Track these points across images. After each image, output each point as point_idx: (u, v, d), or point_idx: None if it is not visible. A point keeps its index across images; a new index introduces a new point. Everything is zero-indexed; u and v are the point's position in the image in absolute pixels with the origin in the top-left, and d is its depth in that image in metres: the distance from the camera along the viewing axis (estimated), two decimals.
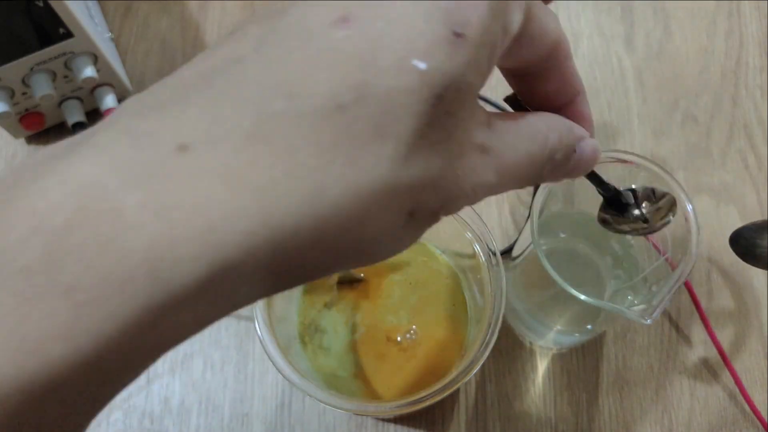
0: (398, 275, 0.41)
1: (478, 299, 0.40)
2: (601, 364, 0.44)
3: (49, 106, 0.47)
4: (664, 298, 0.32)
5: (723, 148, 0.50)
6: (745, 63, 0.53)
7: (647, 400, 0.43)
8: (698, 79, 0.53)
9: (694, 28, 0.54)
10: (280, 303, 0.39)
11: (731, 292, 0.46)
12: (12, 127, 0.47)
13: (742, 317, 0.46)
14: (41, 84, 0.43)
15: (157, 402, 0.43)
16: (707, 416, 0.43)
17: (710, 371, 0.44)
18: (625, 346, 0.45)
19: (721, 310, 0.46)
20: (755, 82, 0.53)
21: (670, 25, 0.55)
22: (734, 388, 0.43)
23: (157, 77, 0.52)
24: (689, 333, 0.45)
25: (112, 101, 0.48)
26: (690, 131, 0.51)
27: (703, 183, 0.49)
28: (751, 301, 0.46)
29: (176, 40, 0.53)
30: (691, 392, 0.44)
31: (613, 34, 0.54)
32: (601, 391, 0.44)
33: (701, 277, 0.47)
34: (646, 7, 0.55)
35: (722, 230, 0.48)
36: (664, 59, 0.53)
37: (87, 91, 0.47)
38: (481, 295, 0.39)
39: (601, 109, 0.51)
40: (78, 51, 0.43)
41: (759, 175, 0.49)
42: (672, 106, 0.52)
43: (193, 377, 0.44)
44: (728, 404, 0.43)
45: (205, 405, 0.43)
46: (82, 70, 0.44)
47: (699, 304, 0.45)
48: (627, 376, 0.44)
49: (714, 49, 0.54)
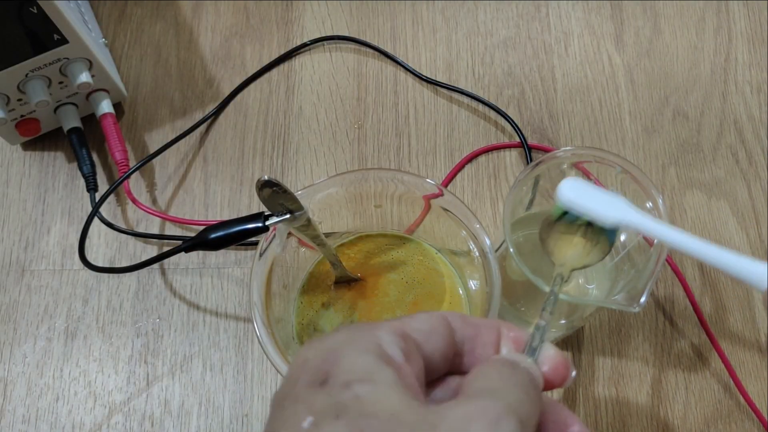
0: (394, 274, 0.42)
1: (473, 297, 0.40)
2: (596, 358, 0.45)
3: (45, 112, 0.47)
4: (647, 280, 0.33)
5: (714, 144, 0.51)
6: (734, 59, 0.54)
7: (643, 394, 0.44)
8: (688, 75, 0.53)
9: (683, 25, 0.55)
10: (278, 304, 0.39)
11: (725, 285, 0.47)
12: (8, 134, 0.48)
13: (736, 310, 0.46)
14: (36, 90, 0.44)
15: (157, 404, 0.43)
16: (702, 409, 0.44)
17: (705, 364, 0.45)
18: (620, 340, 0.45)
19: (715, 303, 0.46)
20: (744, 77, 0.53)
21: (660, 22, 0.55)
22: (729, 380, 0.44)
23: (152, 81, 0.52)
24: (683, 327, 0.46)
25: (107, 106, 0.48)
26: (680, 127, 0.52)
27: (694, 178, 0.50)
28: (745, 294, 0.46)
29: (170, 45, 0.54)
30: (686, 385, 0.44)
31: (603, 32, 0.55)
32: (597, 386, 0.44)
33: (695, 271, 0.47)
34: (636, 5, 0.56)
35: (714, 225, 0.48)
36: (653, 56, 0.54)
37: (82, 96, 0.47)
38: (477, 292, 0.39)
39: (592, 107, 0.52)
40: (73, 57, 0.44)
41: (749, 169, 0.50)
42: (662, 102, 0.52)
43: (192, 379, 0.44)
44: (723, 397, 0.44)
45: (205, 406, 0.43)
46: (77, 76, 0.44)
47: (693, 297, 0.45)
48: (622, 370, 0.44)
49: (703, 46, 0.54)
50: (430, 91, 0.53)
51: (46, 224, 0.48)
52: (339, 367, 0.20)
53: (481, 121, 0.52)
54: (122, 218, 0.48)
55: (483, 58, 0.54)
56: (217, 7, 0.55)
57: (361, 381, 0.20)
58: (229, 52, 0.54)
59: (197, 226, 0.48)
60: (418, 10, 0.55)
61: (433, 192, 0.39)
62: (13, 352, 0.45)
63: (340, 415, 0.19)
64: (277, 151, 0.50)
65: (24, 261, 0.47)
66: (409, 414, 0.19)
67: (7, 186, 0.49)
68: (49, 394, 0.43)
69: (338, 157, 0.50)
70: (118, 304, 0.46)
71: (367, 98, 0.52)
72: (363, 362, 0.20)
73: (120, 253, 0.47)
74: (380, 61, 0.54)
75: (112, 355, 0.45)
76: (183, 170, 0.50)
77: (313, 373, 0.21)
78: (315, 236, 0.37)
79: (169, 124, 0.51)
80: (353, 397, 0.19)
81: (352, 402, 0.19)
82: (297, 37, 0.54)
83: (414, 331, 0.22)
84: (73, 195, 0.49)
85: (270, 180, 0.33)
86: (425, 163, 0.50)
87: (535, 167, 0.38)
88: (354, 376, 0.20)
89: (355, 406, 0.19)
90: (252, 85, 0.53)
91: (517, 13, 0.55)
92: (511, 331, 0.24)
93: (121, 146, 0.47)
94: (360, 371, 0.20)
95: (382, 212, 0.42)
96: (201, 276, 0.47)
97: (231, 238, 0.38)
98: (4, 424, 0.43)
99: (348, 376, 0.20)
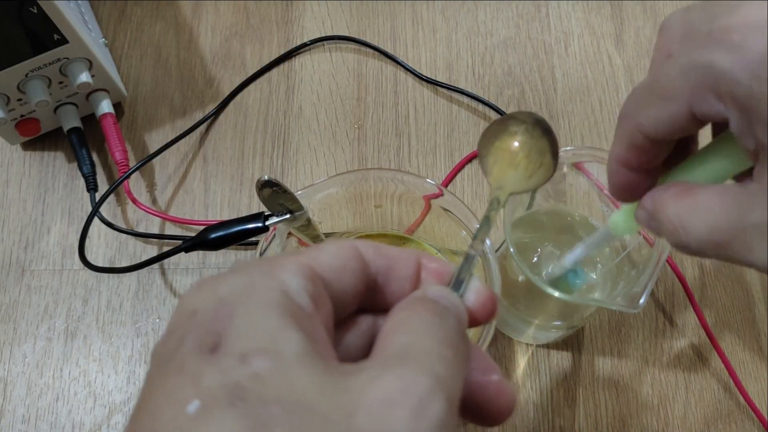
0: None
1: None
2: (596, 358, 0.45)
3: (45, 112, 0.47)
4: (647, 281, 0.33)
5: None
6: None
7: (643, 393, 0.44)
8: None
9: None
10: None
11: (724, 284, 0.47)
12: (8, 134, 0.48)
13: (736, 310, 0.46)
14: (36, 90, 0.44)
15: None
16: (702, 409, 0.44)
17: (705, 364, 0.45)
18: (620, 340, 0.45)
19: (715, 303, 0.46)
20: None
21: (660, 22, 0.55)
22: (729, 380, 0.44)
23: (152, 81, 0.52)
24: (683, 326, 0.46)
25: (107, 107, 0.48)
26: None
27: None
28: (744, 294, 0.46)
29: (170, 45, 0.54)
30: (686, 385, 0.44)
31: (603, 32, 0.55)
32: (597, 386, 0.44)
33: (694, 270, 0.47)
34: (636, 5, 0.56)
35: None
36: None
37: (82, 96, 0.47)
38: None
39: (593, 107, 0.52)
40: (73, 57, 0.44)
41: None
42: None
43: None
44: (723, 396, 0.44)
45: None
46: (77, 76, 0.44)
47: (692, 297, 0.45)
48: (623, 370, 0.44)
49: None
50: (430, 91, 0.53)
51: (46, 224, 0.48)
52: (233, 329, 0.17)
53: (481, 121, 0.52)
54: (122, 218, 0.48)
55: (483, 58, 0.54)
56: (217, 7, 0.55)
57: (262, 353, 0.16)
58: (229, 52, 0.54)
59: (197, 226, 0.48)
60: (418, 10, 0.55)
61: (433, 192, 0.39)
62: (13, 352, 0.45)
63: (234, 401, 0.15)
64: (277, 151, 0.50)
65: (24, 261, 0.47)
66: (320, 399, 0.15)
67: (7, 186, 0.49)
68: (49, 394, 0.43)
69: (338, 157, 0.50)
70: (118, 304, 0.46)
71: (367, 98, 0.52)
72: (264, 324, 0.17)
73: (120, 253, 0.47)
74: (380, 61, 0.54)
75: (112, 355, 0.45)
76: (183, 170, 0.50)
77: (202, 332, 0.17)
78: (315, 236, 0.37)
79: (169, 124, 0.51)
80: (251, 375, 0.16)
81: (249, 382, 0.15)
82: (297, 37, 0.54)
83: (323, 268, 0.19)
84: (73, 195, 0.49)
85: (270, 180, 0.33)
86: (425, 163, 0.50)
87: None
88: (252, 345, 0.16)
89: (254, 388, 0.15)
90: (252, 85, 0.53)
91: (517, 13, 0.55)
92: (432, 263, 0.21)
93: (121, 146, 0.47)
94: (261, 338, 0.16)
95: (382, 212, 0.42)
96: (201, 276, 0.47)
97: (231, 238, 0.38)
98: (4, 424, 0.43)
99: (245, 344, 0.16)
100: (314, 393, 0.16)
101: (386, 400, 0.15)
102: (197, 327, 0.17)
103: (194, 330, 0.17)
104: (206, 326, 0.17)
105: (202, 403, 0.15)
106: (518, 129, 0.30)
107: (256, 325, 0.17)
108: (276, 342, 0.16)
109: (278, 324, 0.17)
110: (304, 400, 0.15)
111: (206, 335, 0.17)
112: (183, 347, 0.17)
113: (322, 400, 0.15)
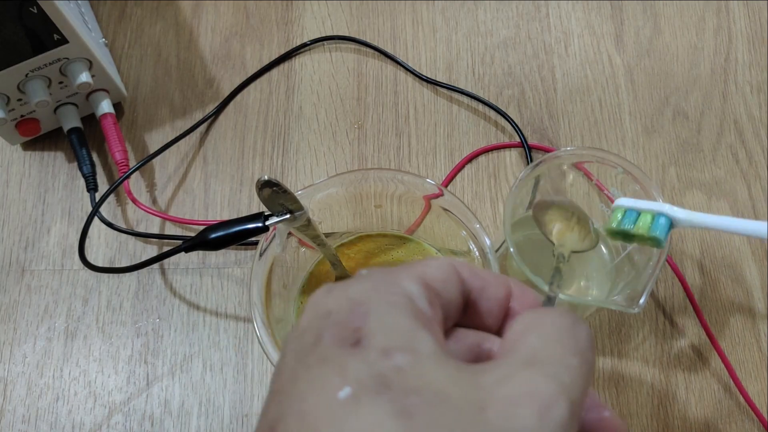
0: None
1: None
2: (596, 358, 0.45)
3: (45, 112, 0.47)
4: (647, 281, 0.33)
5: (714, 144, 0.51)
6: (734, 59, 0.54)
7: (643, 394, 0.44)
8: (688, 75, 0.53)
9: (683, 25, 0.55)
10: (279, 304, 0.39)
11: (724, 285, 0.47)
12: (8, 134, 0.48)
13: (736, 310, 0.46)
14: (36, 90, 0.44)
15: (157, 404, 0.43)
16: (703, 409, 0.44)
17: (705, 364, 0.45)
18: (620, 340, 0.45)
19: (715, 303, 0.46)
20: (744, 77, 0.53)
21: (660, 22, 0.55)
22: (729, 380, 0.44)
23: (152, 81, 0.52)
24: (683, 326, 0.46)
25: (107, 106, 0.48)
26: (681, 127, 0.52)
27: (694, 178, 0.50)
28: (744, 294, 0.46)
29: (170, 45, 0.54)
30: (686, 385, 0.44)
31: (603, 32, 0.55)
32: (597, 386, 0.44)
33: (694, 270, 0.47)
34: (636, 5, 0.56)
35: None
36: (653, 56, 0.54)
37: (82, 96, 0.47)
38: None
39: (593, 107, 0.52)
40: (73, 57, 0.44)
41: (749, 169, 0.50)
42: (662, 102, 0.52)
43: (192, 379, 0.44)
44: (723, 396, 0.44)
45: (205, 406, 0.43)
46: (77, 76, 0.44)
47: (693, 297, 0.45)
48: (622, 370, 0.44)
49: (703, 46, 0.54)
50: (430, 91, 0.53)
51: (46, 224, 0.48)
52: (371, 326, 0.18)
53: (481, 121, 0.52)
54: (122, 218, 0.48)
55: (483, 58, 0.54)
56: (217, 7, 0.55)
57: (401, 349, 0.17)
58: (229, 52, 0.54)
59: (197, 226, 0.48)
60: (418, 10, 0.55)
61: (433, 192, 0.39)
62: (13, 352, 0.45)
63: (380, 389, 0.16)
64: (277, 151, 0.50)
65: (24, 261, 0.47)
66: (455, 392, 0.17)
67: (7, 186, 0.49)
68: (49, 394, 0.43)
69: (338, 157, 0.50)
70: (118, 304, 0.46)
71: (367, 98, 0.52)
72: (399, 324, 0.18)
73: (120, 253, 0.47)
74: (380, 61, 0.54)
75: (112, 355, 0.45)
76: (183, 170, 0.50)
77: (340, 329, 0.18)
78: (315, 236, 0.37)
79: (169, 124, 0.51)
80: (394, 368, 0.17)
81: (392, 374, 0.17)
82: (297, 37, 0.54)
83: (432, 279, 0.20)
84: (73, 195, 0.49)
85: (270, 180, 0.33)
86: (425, 163, 0.50)
87: (536, 167, 0.38)
88: (393, 343, 0.18)
89: (398, 380, 0.17)
90: (252, 85, 0.53)
91: (517, 13, 0.55)
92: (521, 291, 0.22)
93: (121, 146, 0.47)
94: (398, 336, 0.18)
95: (382, 212, 0.42)
96: (201, 276, 0.47)
97: (231, 238, 0.38)
98: (4, 424, 0.43)
99: (386, 342, 0.18)
100: (449, 387, 0.17)
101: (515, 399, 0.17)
102: (334, 324, 0.18)
103: (331, 327, 0.18)
104: (343, 323, 0.18)
105: (352, 390, 0.17)
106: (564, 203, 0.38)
107: (391, 325, 0.18)
108: (412, 340, 0.18)
109: (411, 324, 0.18)
110: (441, 393, 0.17)
111: (344, 331, 0.18)
112: (322, 342, 0.18)
113: (456, 393, 0.17)
